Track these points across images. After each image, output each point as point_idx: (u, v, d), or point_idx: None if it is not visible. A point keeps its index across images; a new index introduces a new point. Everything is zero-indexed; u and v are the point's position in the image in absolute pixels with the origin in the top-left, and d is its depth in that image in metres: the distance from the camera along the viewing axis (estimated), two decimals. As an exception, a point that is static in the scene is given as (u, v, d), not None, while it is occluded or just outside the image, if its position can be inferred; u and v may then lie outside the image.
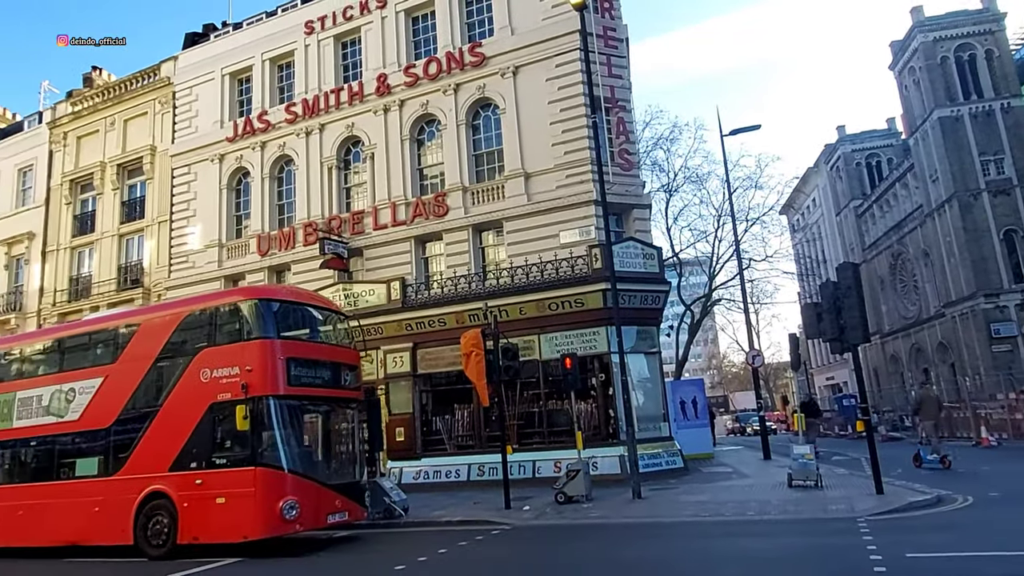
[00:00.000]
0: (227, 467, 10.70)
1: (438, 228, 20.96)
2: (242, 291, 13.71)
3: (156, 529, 10.99)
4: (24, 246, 29.37)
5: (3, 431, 13.59)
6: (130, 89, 28.45)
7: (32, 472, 13.31)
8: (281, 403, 10.82)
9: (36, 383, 13.64)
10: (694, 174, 32.48)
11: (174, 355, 11.85)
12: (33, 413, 13.25)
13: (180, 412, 11.27)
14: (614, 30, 21.14)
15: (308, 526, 10.67)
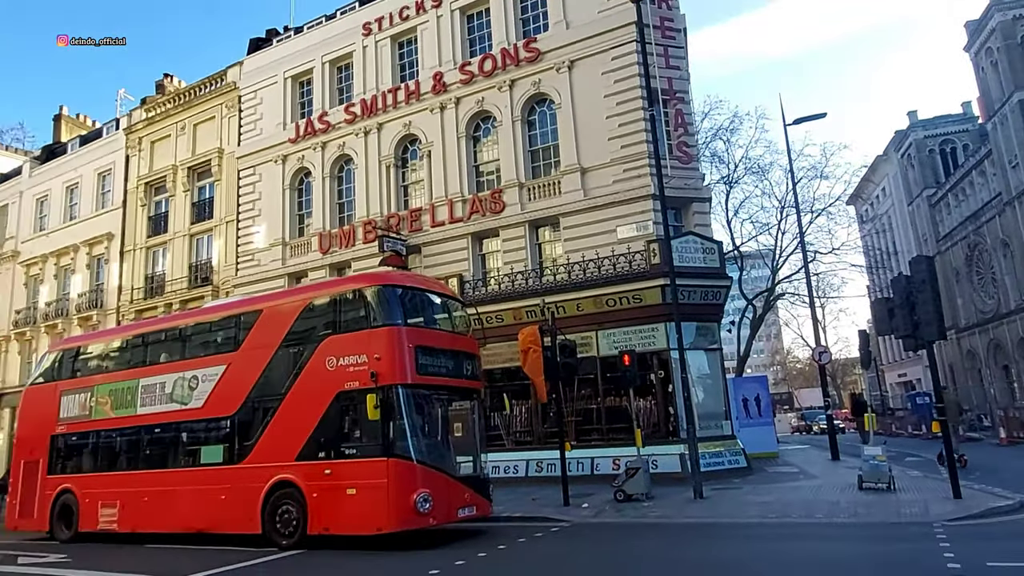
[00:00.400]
0: (357, 457, 10.53)
1: (495, 224, 21.04)
2: (365, 277, 13.62)
3: (285, 519, 10.91)
4: (104, 246, 30.90)
5: (127, 418, 13.82)
6: (199, 94, 29.55)
7: (157, 459, 13.44)
8: (410, 392, 10.61)
9: (159, 370, 13.73)
10: (755, 165, 31.52)
11: (298, 343, 11.71)
12: (156, 400, 13.36)
13: (305, 401, 11.15)
14: (671, 20, 20.75)
15: (441, 520, 10.46)
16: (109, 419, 14.13)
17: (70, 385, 15.31)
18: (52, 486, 14.64)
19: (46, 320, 31.86)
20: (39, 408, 15.70)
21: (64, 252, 32.28)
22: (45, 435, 15.11)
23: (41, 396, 15.84)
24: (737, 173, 31.49)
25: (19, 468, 15.68)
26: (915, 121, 51.01)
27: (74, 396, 14.99)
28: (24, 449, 15.80)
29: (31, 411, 16.22)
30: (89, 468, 14.44)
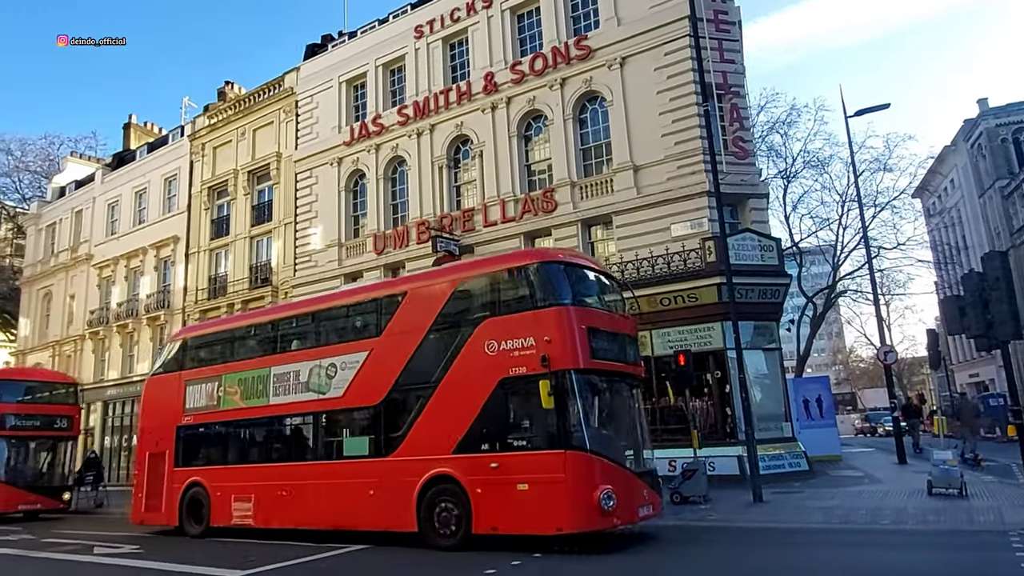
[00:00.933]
0: (527, 450, 9.65)
1: (547, 224, 21.01)
2: (527, 253, 12.38)
3: (443, 517, 10.14)
4: (170, 249, 32.17)
5: (259, 408, 13.23)
6: (258, 100, 30.44)
7: (293, 451, 12.94)
8: (583, 378, 9.73)
9: (292, 358, 13.07)
10: (815, 158, 30.58)
11: (449, 326, 10.93)
12: (291, 389, 12.71)
13: (462, 389, 10.36)
14: (725, 13, 20.32)
15: (624, 520, 9.56)
16: (239, 409, 13.60)
17: (196, 374, 14.81)
18: (180, 479, 14.22)
19: (118, 320, 33.38)
20: (163, 398, 15.20)
21: (134, 255, 33.75)
22: (170, 426, 14.66)
23: (165, 386, 15.34)
24: (795, 167, 30.63)
25: (144, 460, 15.27)
26: (986, 109, 48.61)
27: (200, 386, 14.50)
28: (149, 441, 15.34)
29: (155, 402, 15.65)
30: (220, 460, 13.98)
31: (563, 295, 10.05)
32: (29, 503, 20.00)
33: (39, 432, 21.04)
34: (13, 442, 20.50)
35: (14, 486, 19.70)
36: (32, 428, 20.88)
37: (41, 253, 40.18)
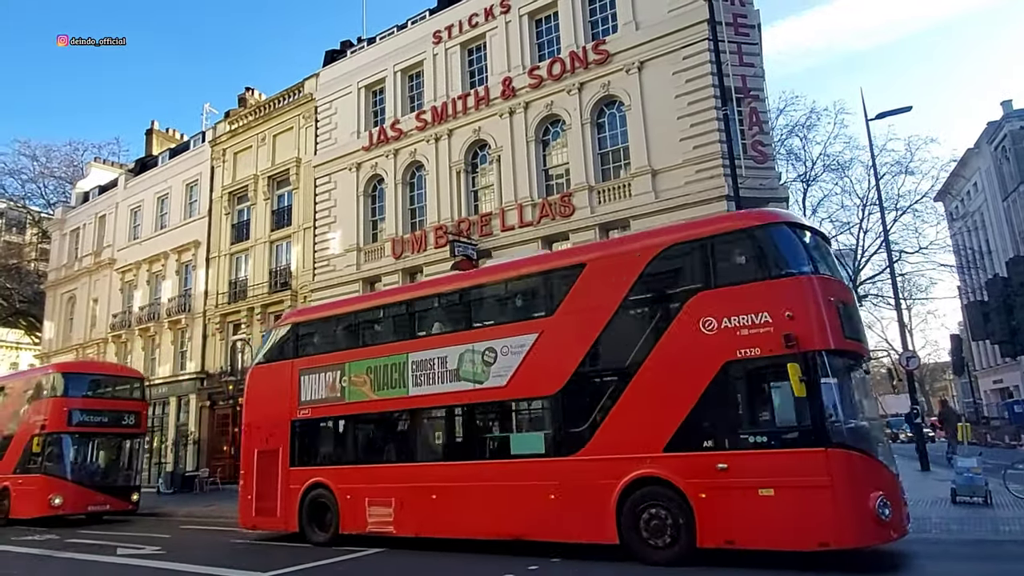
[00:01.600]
0: (770, 448, 8.06)
1: (565, 228, 21.01)
2: (746, 215, 10.10)
3: (655, 526, 8.67)
4: (191, 253, 32.58)
5: (396, 400, 11.78)
6: (278, 106, 30.77)
7: (444, 449, 11.46)
8: (837, 361, 8.28)
9: (437, 343, 11.56)
10: (834, 162, 30.45)
11: (648, 302, 9.58)
12: (436, 378, 11.23)
13: (671, 375, 8.86)
14: (744, 16, 20.25)
15: (900, 533, 8.17)
16: (370, 402, 12.15)
17: (312, 363, 13.22)
18: (298, 479, 12.75)
19: (139, 323, 33.85)
20: (272, 390, 13.69)
21: (156, 259, 34.22)
22: (283, 421, 13.19)
23: (274, 376, 13.79)
24: (815, 171, 30.50)
25: (251, 458, 13.72)
26: (1010, 111, 47.96)
27: (318, 375, 12.95)
28: (257, 437, 13.69)
29: (262, 393, 14.08)
30: (347, 459, 12.48)
31: (803, 262, 8.64)
32: (97, 504, 19.14)
33: (106, 428, 20.09)
34: (80, 439, 19.61)
35: (82, 485, 18.81)
36: (99, 424, 19.86)
37: (65, 258, 40.87)
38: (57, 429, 18.86)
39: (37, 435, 18.79)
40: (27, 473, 18.75)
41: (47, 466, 18.50)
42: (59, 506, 18.01)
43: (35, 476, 18.50)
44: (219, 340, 30.21)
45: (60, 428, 18.91)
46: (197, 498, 24.48)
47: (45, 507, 17.93)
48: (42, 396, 19.79)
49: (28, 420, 19.55)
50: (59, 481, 18.43)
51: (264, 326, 28.40)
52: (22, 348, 56.59)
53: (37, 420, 19.14)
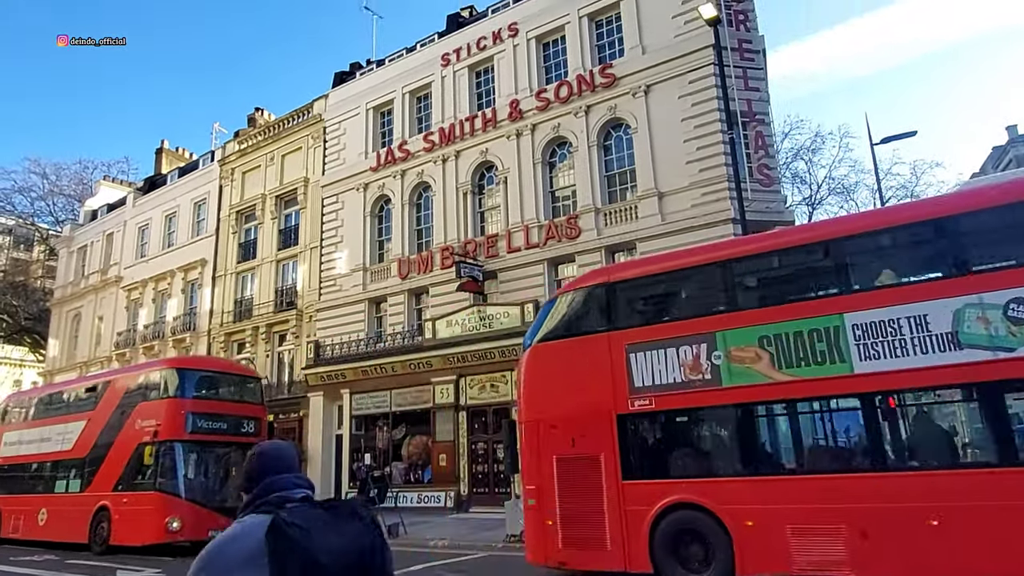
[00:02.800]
0: None
1: (571, 250, 21.04)
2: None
3: None
4: (198, 272, 32.66)
5: (833, 380, 8.60)
6: (287, 127, 31.03)
7: (941, 450, 8.41)
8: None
9: (901, 296, 8.47)
10: (840, 185, 30.59)
11: None
12: (911, 347, 8.10)
13: None
14: (750, 42, 20.44)
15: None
16: (776, 385, 8.89)
17: (650, 334, 9.94)
18: (644, 498, 9.33)
19: (144, 342, 33.82)
20: (575, 375, 10.37)
21: (162, 277, 34.28)
22: (602, 417, 9.88)
23: (573, 356, 10.52)
24: (820, 194, 30.58)
25: (545, 468, 10.17)
26: (1016, 136, 48.06)
27: (663, 352, 9.67)
28: (552, 438, 10.21)
29: (553, 380, 10.58)
30: (740, 468, 9.15)
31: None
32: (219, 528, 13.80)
33: (226, 437, 16.74)
34: (199, 450, 16.33)
35: (202, 506, 15.44)
36: (219, 432, 16.69)
37: (72, 275, 41.01)
38: (173, 437, 15.71)
39: (148, 444, 15.67)
40: (134, 490, 15.73)
41: (161, 482, 15.33)
42: (177, 531, 14.77)
43: (147, 494, 15.32)
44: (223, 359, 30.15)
45: (177, 436, 15.76)
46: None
47: (160, 531, 14.73)
48: (150, 397, 16.82)
49: (133, 425, 16.47)
50: (176, 500, 15.20)
51: (268, 345, 28.39)
52: (26, 365, 56.53)
53: (147, 426, 16.05)
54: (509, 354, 19.10)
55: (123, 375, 19.18)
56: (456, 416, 21.34)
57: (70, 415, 18.92)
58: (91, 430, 17.63)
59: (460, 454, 21.02)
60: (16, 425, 21.09)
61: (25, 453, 19.94)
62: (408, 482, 22.22)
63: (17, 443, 20.39)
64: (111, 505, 15.94)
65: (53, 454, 18.62)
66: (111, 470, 16.49)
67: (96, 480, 16.77)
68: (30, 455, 19.71)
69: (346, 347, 24.11)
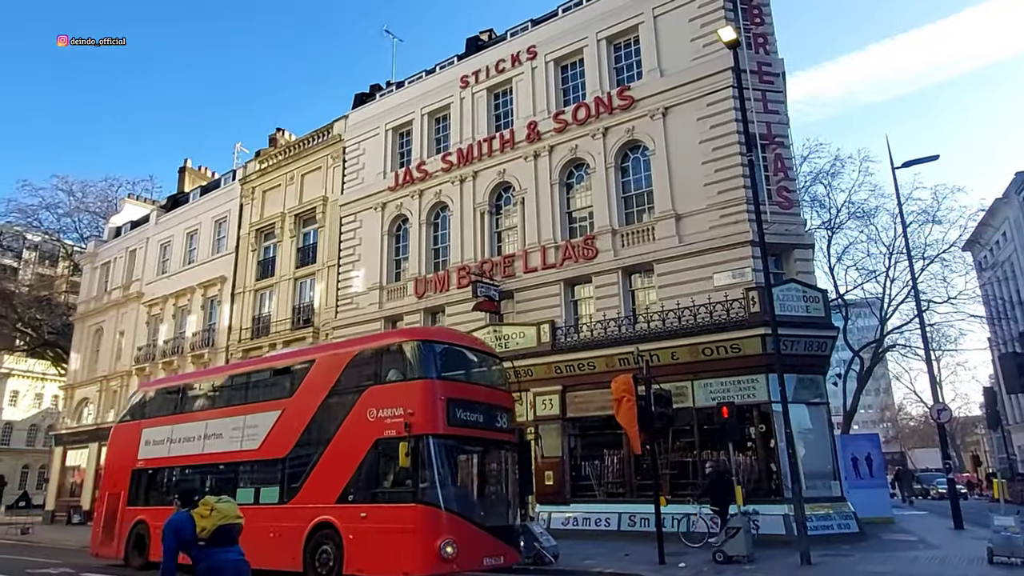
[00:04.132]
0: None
1: (587, 271, 20.98)
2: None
3: None
4: (217, 288, 32.98)
5: None
6: (307, 147, 31.44)
7: None
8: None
9: None
10: (860, 209, 30.24)
11: None
12: None
13: None
14: (769, 65, 20.43)
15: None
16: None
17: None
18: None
19: (163, 357, 34.12)
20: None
21: (182, 294, 34.67)
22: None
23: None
24: (840, 218, 30.29)
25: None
26: (1039, 161, 47.45)
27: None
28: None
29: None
30: None
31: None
32: (495, 555, 11.88)
33: (483, 432, 12.91)
34: (457, 448, 12.36)
35: (474, 524, 11.73)
36: (476, 425, 12.73)
37: (95, 290, 41.60)
38: (430, 431, 11.55)
39: (399, 439, 11.37)
40: (378, 501, 11.70)
41: (424, 490, 11.18)
42: (451, 558, 10.76)
43: (404, 508, 11.22)
44: (240, 375, 30.27)
45: (434, 429, 11.62)
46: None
47: (432, 558, 10.74)
48: (386, 378, 12.73)
49: (363, 416, 12.39)
50: (447, 516, 11.11)
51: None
52: (48, 379, 57.28)
53: (390, 416, 11.96)
54: (523, 375, 18.99)
55: (334, 352, 14.56)
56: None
57: (251, 405, 14.94)
58: (289, 423, 13.56)
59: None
60: (161, 419, 16.86)
61: (179, 454, 15.83)
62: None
63: (164, 441, 16.25)
64: (338, 522, 11.83)
65: (226, 455, 14.65)
66: (332, 475, 12.42)
67: (307, 489, 12.78)
68: (187, 456, 15.64)
69: (361, 365, 24.07)
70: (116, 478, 16.96)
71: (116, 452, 17.63)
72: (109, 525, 16.43)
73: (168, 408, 16.96)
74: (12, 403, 58.23)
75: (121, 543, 15.71)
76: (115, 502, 16.53)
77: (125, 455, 16.86)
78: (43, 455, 52.78)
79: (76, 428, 38.56)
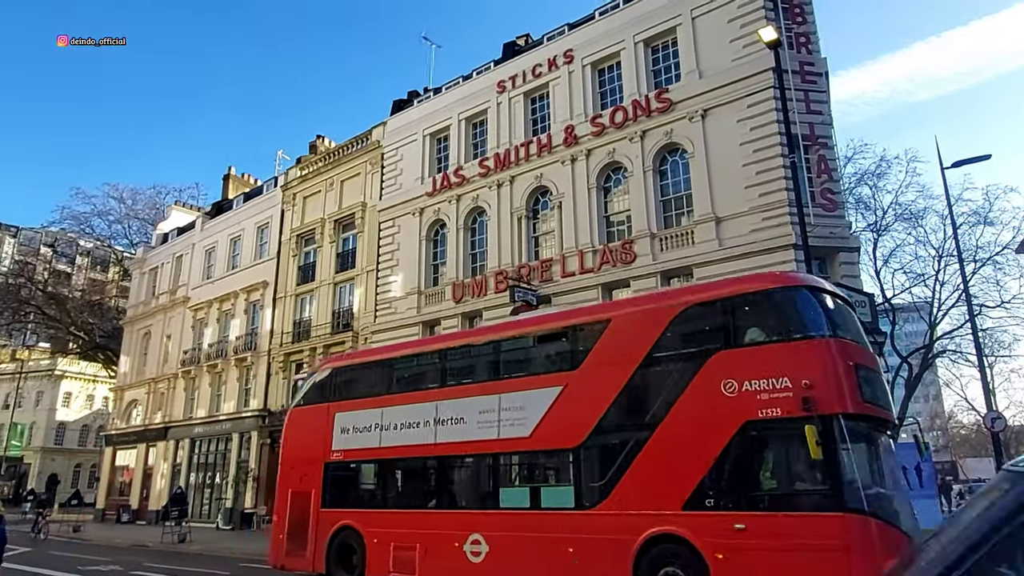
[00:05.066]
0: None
1: (625, 275, 20.80)
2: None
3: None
4: (259, 293, 33.64)
5: None
6: (346, 153, 31.89)
7: None
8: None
9: None
10: (907, 211, 29.30)
11: None
12: None
13: None
14: (812, 64, 20.01)
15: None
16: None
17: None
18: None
19: (208, 360, 34.93)
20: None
21: (226, 298, 35.44)
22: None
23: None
24: (886, 220, 29.44)
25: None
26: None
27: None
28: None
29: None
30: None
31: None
32: None
33: (887, 413, 10.32)
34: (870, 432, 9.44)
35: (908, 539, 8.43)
36: (880, 403, 10.05)
37: (143, 295, 42.83)
38: (844, 409, 8.47)
39: (801, 421, 8.20)
40: (763, 508, 8.64)
41: (848, 493, 8.05)
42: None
43: (817, 517, 8.18)
44: (282, 379, 30.84)
45: (848, 407, 8.57)
46: (256, 535, 24.69)
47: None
48: (748, 339, 9.72)
49: (721, 388, 9.17)
50: (883, 528, 8.14)
51: (325, 366, 28.85)
52: (99, 381, 59.20)
53: (767, 390, 8.82)
54: (561, 380, 18.86)
55: (643, 308, 11.20)
56: (507, 441, 21.15)
57: (510, 381, 11.93)
58: (578, 403, 10.60)
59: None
60: (363, 401, 13.78)
61: (396, 444, 12.84)
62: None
63: (371, 429, 13.25)
64: (692, 536, 8.89)
65: (475, 445, 11.70)
66: (669, 470, 9.48)
67: (625, 489, 9.78)
68: (409, 447, 12.66)
69: (400, 369, 24.28)
70: (301, 473, 14.08)
71: (298, 441, 14.78)
72: (298, 530, 13.61)
73: (372, 387, 13.85)
74: (65, 404, 60.31)
75: (319, 554, 12.99)
76: (302, 502, 13.76)
77: (311, 445, 14.10)
78: (94, 455, 54.51)
79: (125, 429, 39.74)
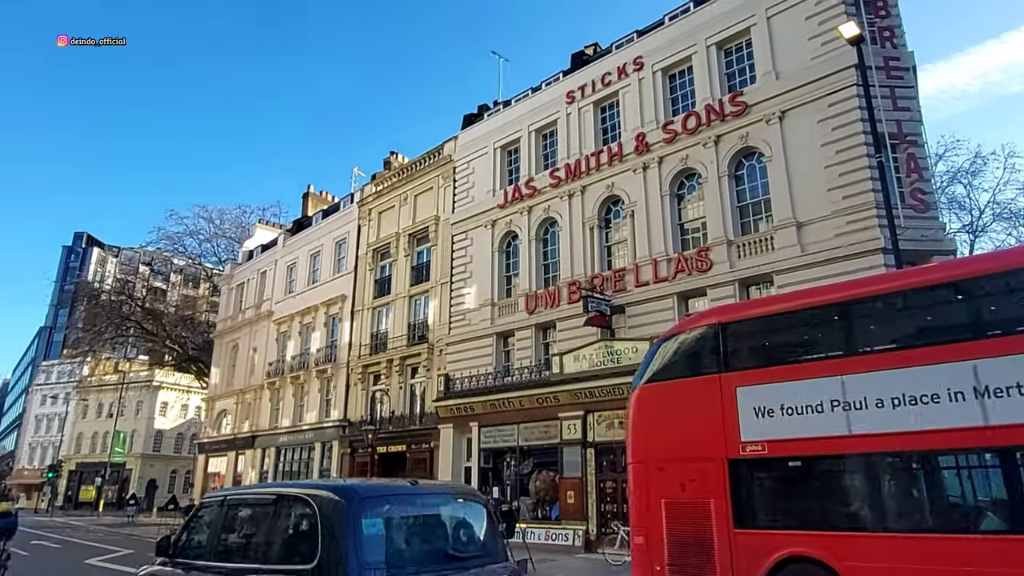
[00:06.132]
0: None
1: (701, 284, 20.31)
2: None
3: None
4: (338, 307, 34.70)
5: None
6: (419, 168, 32.55)
7: None
8: None
9: None
10: (1006, 210, 27.57)
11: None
12: None
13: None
14: (897, 59, 19.06)
15: None
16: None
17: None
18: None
19: (291, 371, 36.25)
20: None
21: (307, 312, 36.74)
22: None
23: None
24: (983, 220, 27.74)
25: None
26: None
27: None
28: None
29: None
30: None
31: None
32: None
33: None
34: None
35: None
36: None
37: (231, 309, 44.93)
38: None
39: None
40: None
41: None
42: None
43: None
44: (360, 390, 31.64)
45: None
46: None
47: None
48: None
49: None
50: None
51: (402, 378, 29.46)
52: (192, 391, 62.46)
53: None
54: (638, 391, 18.56)
55: None
56: (584, 453, 21.00)
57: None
58: None
59: (588, 492, 20.60)
60: (803, 367, 9.28)
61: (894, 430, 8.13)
62: (536, 518, 22.04)
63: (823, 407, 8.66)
64: None
65: None
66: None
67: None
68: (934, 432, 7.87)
69: (475, 380, 24.53)
70: (681, 475, 9.68)
71: (662, 431, 10.27)
72: (691, 559, 9.26)
73: (814, 346, 9.52)
74: (162, 413, 64.00)
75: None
76: (691, 517, 9.38)
77: (692, 435, 9.81)
78: (188, 461, 57.46)
79: (216, 437, 41.69)
